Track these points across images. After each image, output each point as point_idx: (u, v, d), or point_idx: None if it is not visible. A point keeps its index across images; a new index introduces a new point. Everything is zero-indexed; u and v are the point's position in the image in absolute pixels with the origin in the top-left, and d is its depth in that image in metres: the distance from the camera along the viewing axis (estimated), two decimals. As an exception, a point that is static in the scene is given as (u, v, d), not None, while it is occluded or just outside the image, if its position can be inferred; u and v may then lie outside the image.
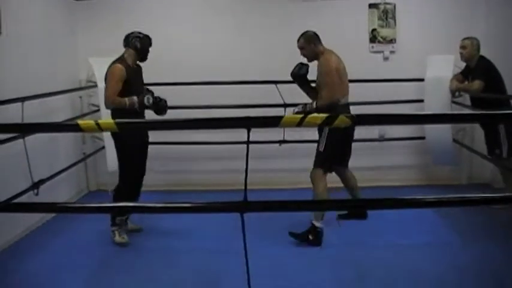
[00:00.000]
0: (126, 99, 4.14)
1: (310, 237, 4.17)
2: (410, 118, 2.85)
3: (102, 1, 5.82)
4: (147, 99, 4.19)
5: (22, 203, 3.54)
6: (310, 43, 4.28)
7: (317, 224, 4.18)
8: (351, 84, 4.65)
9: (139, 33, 4.31)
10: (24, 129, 3.35)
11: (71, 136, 5.56)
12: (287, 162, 5.71)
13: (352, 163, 5.67)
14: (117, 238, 4.33)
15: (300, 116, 2.19)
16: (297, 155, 5.61)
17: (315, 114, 2.24)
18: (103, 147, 5.44)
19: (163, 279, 3.71)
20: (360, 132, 5.39)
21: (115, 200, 4.33)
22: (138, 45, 4.25)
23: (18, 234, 4.47)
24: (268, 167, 4.63)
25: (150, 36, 4.30)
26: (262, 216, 3.54)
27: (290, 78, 5.01)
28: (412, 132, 5.73)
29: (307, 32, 4.33)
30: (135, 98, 4.16)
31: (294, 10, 5.73)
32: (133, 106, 4.16)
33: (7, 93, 4.12)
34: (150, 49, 4.33)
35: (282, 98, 5.28)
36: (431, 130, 5.44)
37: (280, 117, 2.23)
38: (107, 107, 4.23)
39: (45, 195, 4.00)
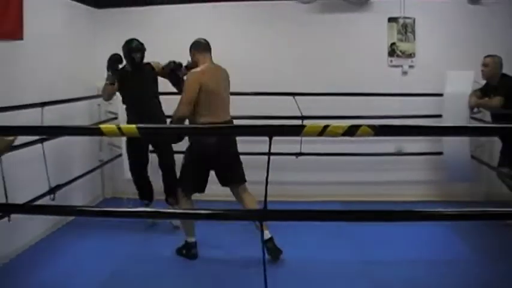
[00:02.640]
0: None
1: (184, 251, 4.16)
2: (430, 130, 2.82)
3: (123, 10, 5.87)
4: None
5: (42, 205, 3.57)
6: (192, 51, 4.02)
7: (188, 239, 4.13)
8: (370, 98, 4.61)
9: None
10: (47, 132, 3.38)
11: (88, 143, 5.58)
12: (304, 175, 5.68)
13: (367, 177, 5.71)
14: None
15: (322, 125, 2.15)
16: (314, 168, 5.63)
17: (337, 124, 2.20)
18: (120, 155, 5.46)
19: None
20: (376, 146, 5.40)
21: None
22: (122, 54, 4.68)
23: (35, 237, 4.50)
24: (285, 179, 4.60)
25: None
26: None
27: (308, 91, 4.97)
28: (429, 148, 5.68)
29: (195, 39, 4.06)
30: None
31: (313, 23, 5.72)
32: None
33: (27, 99, 4.14)
34: (133, 53, 4.67)
35: (299, 110, 5.24)
36: (450, 146, 5.38)
37: (303, 126, 2.22)
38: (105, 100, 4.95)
39: (61, 200, 4.02)
